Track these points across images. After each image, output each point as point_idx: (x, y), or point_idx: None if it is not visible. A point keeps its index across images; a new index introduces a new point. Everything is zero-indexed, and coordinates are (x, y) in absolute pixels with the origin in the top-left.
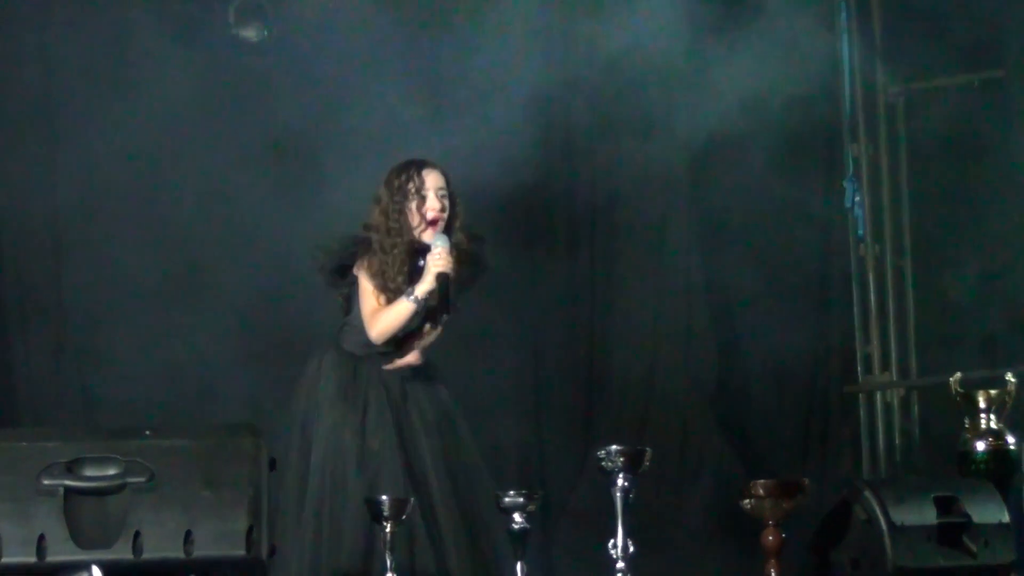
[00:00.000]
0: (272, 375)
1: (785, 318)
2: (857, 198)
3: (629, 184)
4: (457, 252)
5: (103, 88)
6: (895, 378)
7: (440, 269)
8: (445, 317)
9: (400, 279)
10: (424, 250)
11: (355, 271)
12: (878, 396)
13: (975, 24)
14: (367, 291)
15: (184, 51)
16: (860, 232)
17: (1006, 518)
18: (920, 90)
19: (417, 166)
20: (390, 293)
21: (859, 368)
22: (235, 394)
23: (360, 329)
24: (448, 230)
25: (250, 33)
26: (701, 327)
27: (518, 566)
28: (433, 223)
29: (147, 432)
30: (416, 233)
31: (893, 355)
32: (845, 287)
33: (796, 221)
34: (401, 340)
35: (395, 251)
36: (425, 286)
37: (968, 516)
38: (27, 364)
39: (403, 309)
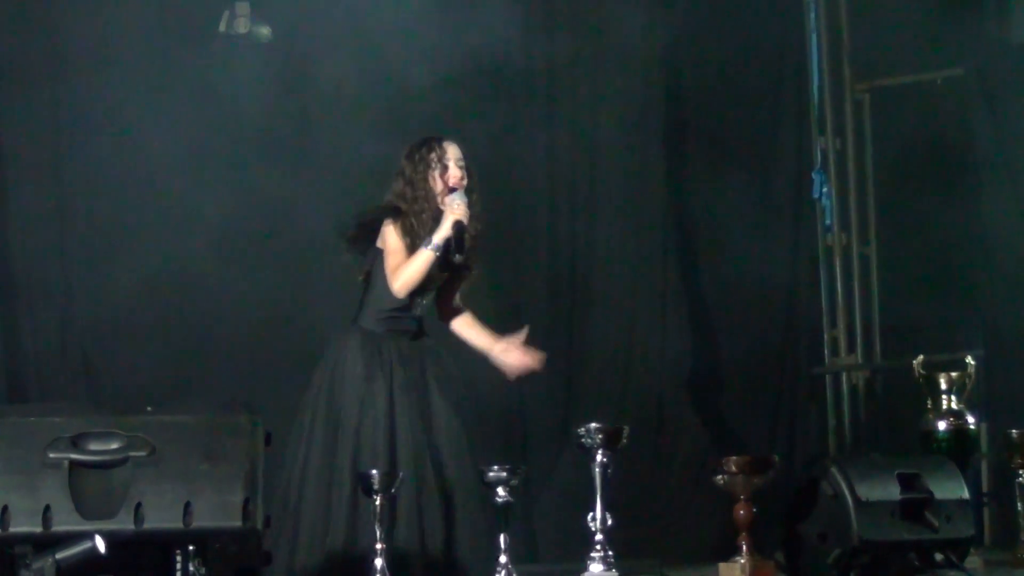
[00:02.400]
0: (271, 354)
1: (756, 303)
2: (825, 189)
3: (606, 180)
4: (473, 226)
5: (109, 70)
6: (860, 360)
7: (456, 217)
8: (458, 257)
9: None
10: None
11: (382, 234)
12: (844, 377)
13: (937, 25)
14: (393, 249)
15: (185, 39)
16: (828, 221)
17: (966, 494)
18: (885, 87)
19: (437, 140)
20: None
21: (826, 351)
22: (234, 371)
23: (380, 303)
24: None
25: (262, 31)
26: (676, 311)
27: (501, 537)
28: (454, 191)
29: (148, 408)
30: (440, 199)
31: (858, 338)
32: (813, 273)
33: (767, 211)
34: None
35: (423, 215)
36: (442, 233)
37: (930, 492)
38: (34, 341)
39: (422, 258)
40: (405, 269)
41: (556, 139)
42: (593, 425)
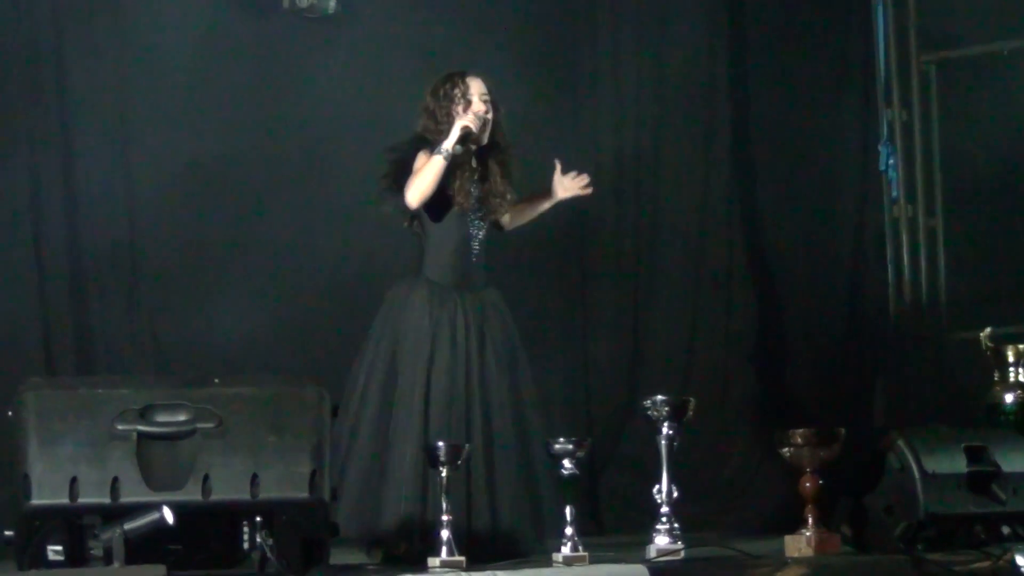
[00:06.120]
0: (334, 325)
1: (822, 276)
2: (891, 161)
3: (671, 153)
4: (503, 156)
5: (174, 45)
6: (927, 333)
7: (463, 122)
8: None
9: (462, 169)
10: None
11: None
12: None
13: None
14: (415, 170)
15: (250, 22)
16: (894, 193)
17: None
18: (951, 58)
19: (460, 75)
20: (455, 183)
21: (892, 323)
22: (301, 344)
23: (440, 247)
24: (493, 131)
25: (326, 5)
26: (741, 283)
27: (567, 510)
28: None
29: (215, 380)
30: None
31: (925, 310)
32: (879, 246)
33: (833, 183)
34: (463, 260)
35: None
36: (451, 140)
37: (997, 465)
38: (101, 314)
39: (432, 164)
40: (416, 177)
41: (622, 113)
42: (659, 397)
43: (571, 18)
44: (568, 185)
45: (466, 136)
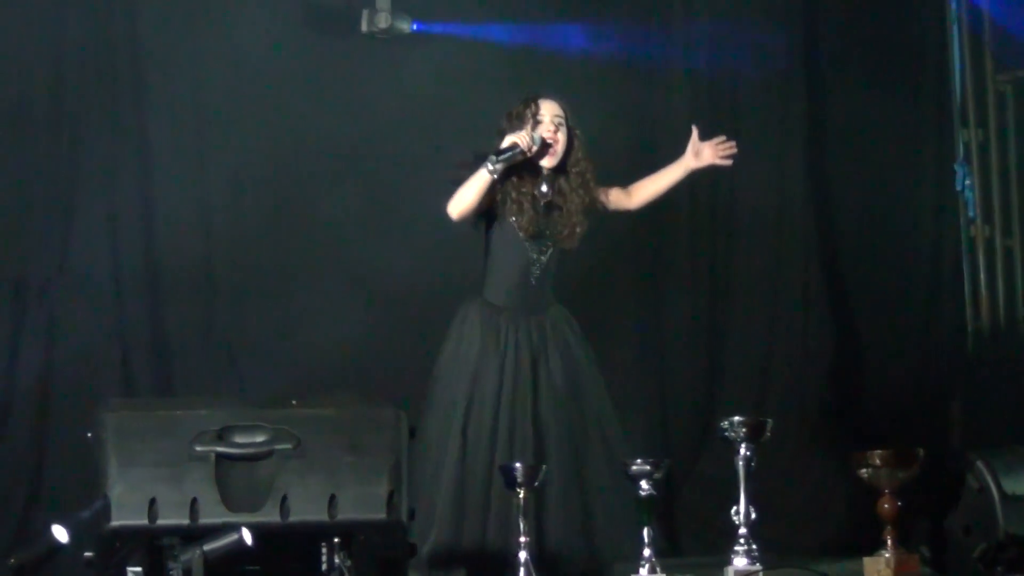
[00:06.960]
0: (409, 345)
1: (899, 295)
2: (967, 181)
3: (747, 172)
4: (582, 181)
5: (250, 69)
6: (1004, 353)
7: (514, 139)
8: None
9: (524, 192)
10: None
11: None
12: (988, 370)
13: None
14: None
15: (326, 42)
16: (971, 213)
17: None
18: None
19: (534, 97)
20: (514, 205)
21: (969, 343)
22: (374, 366)
23: (498, 271)
24: (566, 157)
25: (402, 26)
26: (817, 303)
27: (645, 531)
28: (549, 146)
29: (293, 402)
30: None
31: (1002, 331)
32: (956, 266)
33: (909, 203)
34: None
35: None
36: (500, 154)
37: None
38: (179, 335)
39: (475, 176)
40: (459, 189)
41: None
42: (737, 418)
43: (643, 39)
44: (707, 154)
45: (513, 151)
